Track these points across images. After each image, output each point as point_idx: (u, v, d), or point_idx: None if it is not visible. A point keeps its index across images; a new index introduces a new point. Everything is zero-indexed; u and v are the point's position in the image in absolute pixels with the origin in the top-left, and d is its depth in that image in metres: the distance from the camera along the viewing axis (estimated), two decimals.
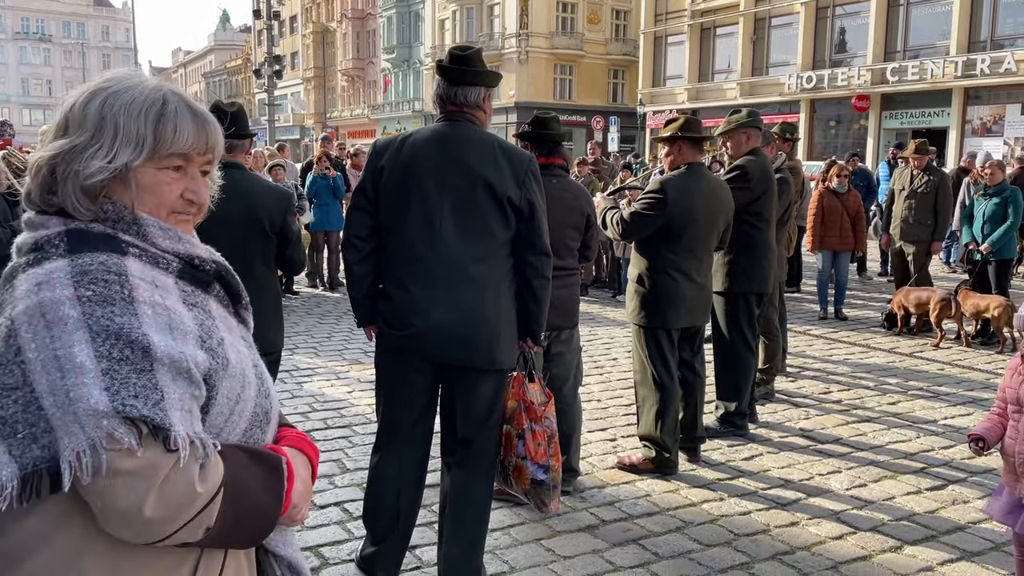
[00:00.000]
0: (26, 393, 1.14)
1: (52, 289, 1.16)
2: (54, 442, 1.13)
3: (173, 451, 1.14)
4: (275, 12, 33.29)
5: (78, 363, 1.12)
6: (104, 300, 1.16)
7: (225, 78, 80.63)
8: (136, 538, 1.18)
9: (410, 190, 3.01)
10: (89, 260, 1.20)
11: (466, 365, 3.03)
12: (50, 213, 1.27)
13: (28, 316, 1.16)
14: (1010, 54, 25.74)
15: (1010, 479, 3.05)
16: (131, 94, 1.31)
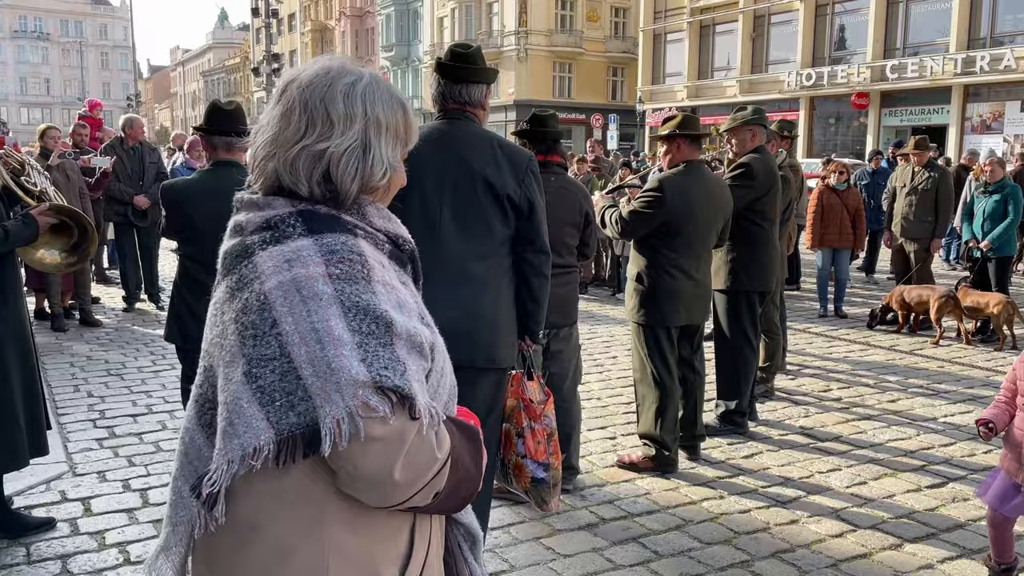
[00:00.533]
0: (283, 363, 1.21)
1: (304, 266, 1.23)
2: (310, 409, 1.19)
3: (416, 419, 1.21)
4: (273, 10, 33.30)
5: (336, 335, 1.19)
6: (350, 278, 1.24)
7: (223, 76, 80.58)
8: (380, 501, 1.26)
9: (409, 188, 2.97)
10: (332, 240, 1.28)
11: (465, 363, 3.01)
12: (271, 194, 1.34)
13: (283, 291, 1.23)
14: (1010, 51, 25.74)
15: (1012, 466, 3.14)
16: (378, 88, 1.38)
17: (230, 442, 1.23)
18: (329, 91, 1.33)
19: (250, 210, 1.35)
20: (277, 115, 1.35)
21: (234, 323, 1.26)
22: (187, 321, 3.60)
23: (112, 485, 4.17)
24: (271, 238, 1.29)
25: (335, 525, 1.28)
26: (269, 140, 1.34)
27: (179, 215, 3.62)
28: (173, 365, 6.51)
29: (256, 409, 1.22)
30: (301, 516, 1.26)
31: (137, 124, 8.76)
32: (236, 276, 1.29)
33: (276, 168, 1.33)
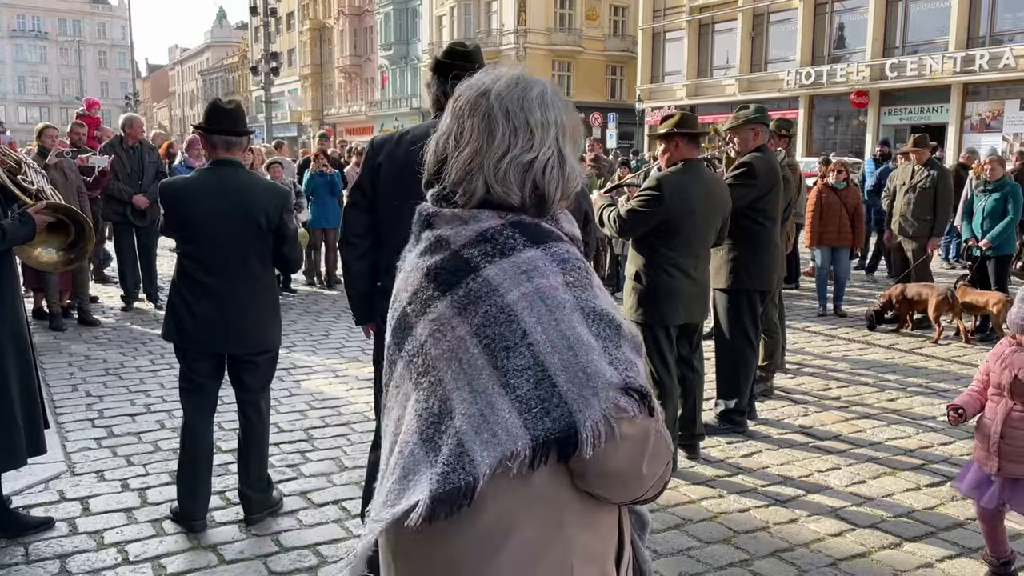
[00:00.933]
0: (537, 372, 1.24)
1: (544, 276, 1.27)
2: (566, 414, 1.23)
3: (653, 416, 1.27)
4: (272, 9, 33.24)
5: (585, 342, 1.24)
6: (582, 285, 1.29)
7: (222, 75, 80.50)
8: (623, 496, 1.34)
9: (408, 186, 2.98)
10: (558, 250, 1.32)
11: None
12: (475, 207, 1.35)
13: (528, 302, 1.26)
14: (1009, 50, 25.73)
15: (983, 456, 3.24)
16: (557, 94, 1.40)
17: (490, 451, 1.25)
18: (526, 100, 1.36)
19: (454, 224, 1.35)
20: (476, 127, 1.35)
21: (475, 337, 1.28)
22: (184, 319, 3.59)
23: (110, 484, 4.16)
24: (493, 251, 1.31)
25: (575, 526, 1.32)
26: (472, 154, 1.35)
27: (177, 213, 3.61)
28: (172, 364, 6.49)
29: (515, 417, 1.25)
30: (546, 518, 1.30)
31: (137, 123, 8.75)
32: (463, 291, 1.30)
33: (485, 180, 1.34)
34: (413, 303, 1.37)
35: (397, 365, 1.41)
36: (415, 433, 1.34)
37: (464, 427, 1.27)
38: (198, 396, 3.70)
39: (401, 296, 1.42)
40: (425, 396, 1.33)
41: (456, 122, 1.39)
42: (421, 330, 1.34)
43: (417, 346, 1.35)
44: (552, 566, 1.30)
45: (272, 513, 3.82)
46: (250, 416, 3.74)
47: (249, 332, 3.64)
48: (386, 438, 1.45)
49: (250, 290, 3.61)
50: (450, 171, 1.37)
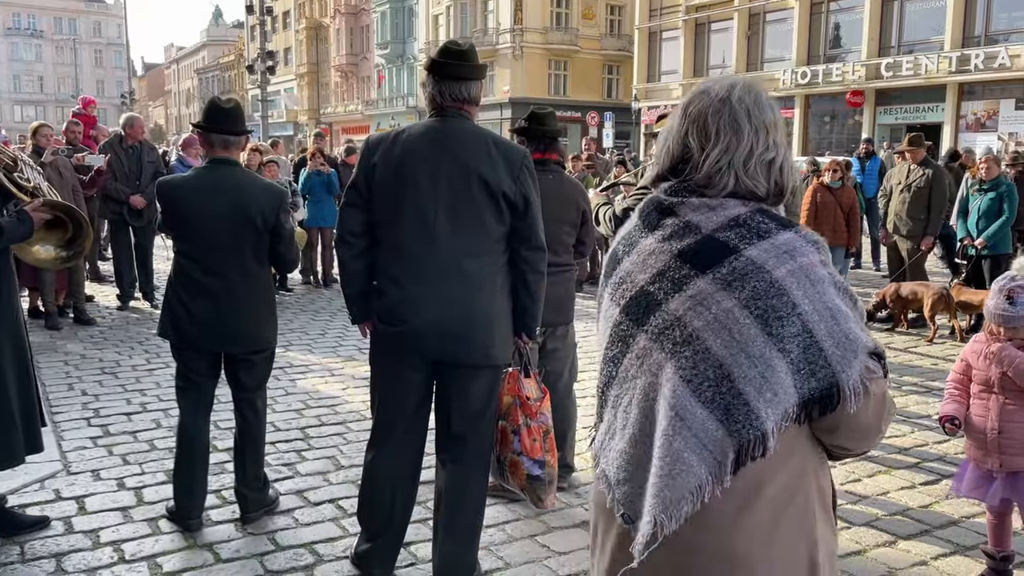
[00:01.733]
0: (806, 338, 1.41)
1: (804, 255, 1.45)
2: (829, 375, 1.42)
3: (886, 377, 1.49)
4: (268, 7, 33.19)
5: (843, 311, 1.44)
6: (828, 263, 1.48)
7: (218, 74, 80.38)
8: (864, 447, 1.55)
9: (404, 185, 2.99)
10: (807, 233, 1.50)
11: (461, 361, 3.02)
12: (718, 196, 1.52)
13: (795, 278, 1.43)
14: (1004, 49, 25.78)
15: (978, 454, 3.25)
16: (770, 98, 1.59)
17: (774, 408, 1.42)
18: (759, 102, 1.54)
19: (702, 211, 1.51)
20: (723, 129, 1.51)
21: (744, 308, 1.43)
22: (181, 317, 3.59)
23: (106, 483, 4.16)
24: (750, 234, 1.47)
25: (813, 474, 1.51)
26: (721, 152, 1.51)
27: (174, 212, 3.61)
28: (168, 363, 6.50)
29: (788, 378, 1.42)
30: (794, 468, 1.47)
31: (138, 123, 8.74)
32: (726, 269, 1.45)
33: (736, 175, 1.51)
34: (659, 282, 1.51)
35: (637, 339, 1.53)
36: (689, 396, 1.46)
37: (746, 388, 1.43)
38: (194, 394, 3.70)
39: (636, 277, 1.55)
40: (691, 364, 1.46)
41: (693, 125, 1.54)
42: (676, 305, 1.48)
43: (671, 320, 1.48)
44: (798, 510, 1.48)
45: (268, 512, 3.82)
46: (246, 415, 3.74)
47: (245, 331, 3.64)
48: (616, 408, 1.58)
49: (246, 289, 3.61)
50: (699, 167, 1.52)
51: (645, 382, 1.52)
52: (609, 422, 1.58)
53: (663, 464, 1.46)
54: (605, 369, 1.59)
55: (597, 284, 7.07)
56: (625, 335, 1.55)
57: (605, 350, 1.59)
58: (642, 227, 1.59)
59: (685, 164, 1.55)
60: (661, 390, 1.49)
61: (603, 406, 1.60)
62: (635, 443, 1.52)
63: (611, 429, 1.57)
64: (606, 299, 1.61)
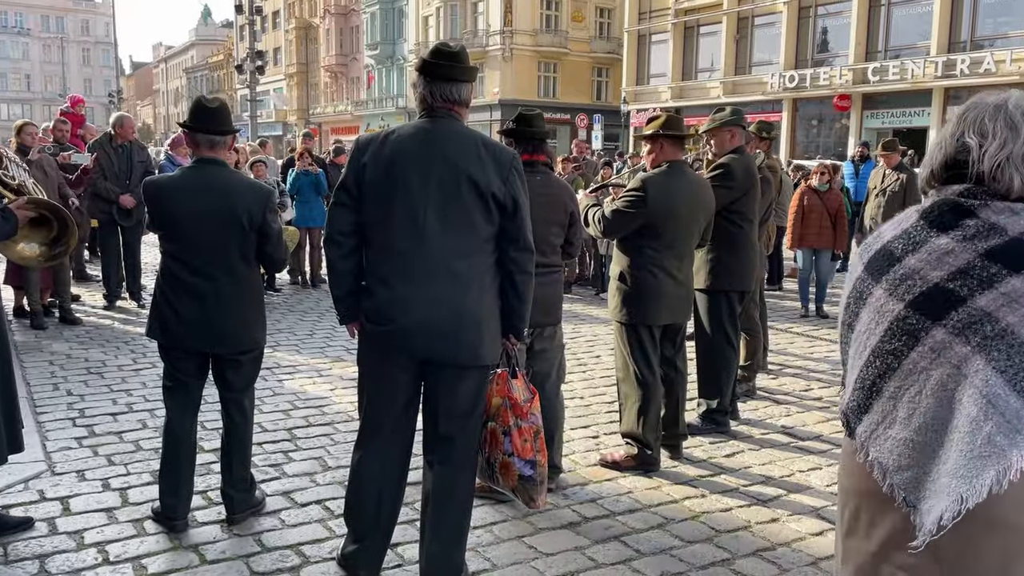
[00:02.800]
0: None
1: None
2: None
3: None
4: (257, 7, 33.06)
5: None
6: None
7: (206, 73, 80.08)
8: None
9: (394, 186, 2.99)
10: None
11: (449, 361, 3.02)
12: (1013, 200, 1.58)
13: None
14: (990, 54, 26.00)
15: None
16: None
17: None
18: None
19: (1005, 214, 1.56)
20: (999, 127, 1.58)
21: None
22: (168, 318, 3.58)
23: (91, 484, 4.13)
24: None
25: None
26: (999, 147, 1.57)
27: (160, 212, 3.59)
28: (154, 363, 6.47)
29: None
30: None
31: (128, 123, 8.69)
32: None
33: (1019, 173, 1.56)
34: (960, 279, 1.55)
35: (932, 333, 1.56)
36: (1003, 385, 1.49)
37: None
38: (181, 395, 3.69)
39: (929, 274, 1.58)
40: (1005, 356, 1.50)
41: (970, 127, 1.60)
42: (986, 302, 1.51)
43: (979, 315, 1.52)
44: None
45: (255, 513, 3.80)
46: (233, 415, 3.72)
47: (233, 331, 3.62)
48: (897, 399, 1.61)
49: (234, 289, 3.59)
50: (979, 161, 1.58)
51: (942, 373, 1.56)
52: (885, 412, 1.63)
53: (969, 447, 1.51)
54: (879, 362, 1.64)
55: (585, 285, 7.15)
56: (914, 329, 1.59)
57: (880, 343, 1.64)
58: (929, 227, 1.63)
59: (959, 165, 1.62)
60: (967, 381, 1.53)
61: (873, 397, 1.65)
62: (924, 431, 1.57)
63: (888, 419, 1.62)
64: (879, 295, 1.65)
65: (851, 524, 1.70)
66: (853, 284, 1.72)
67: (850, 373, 1.70)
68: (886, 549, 1.62)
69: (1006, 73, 25.66)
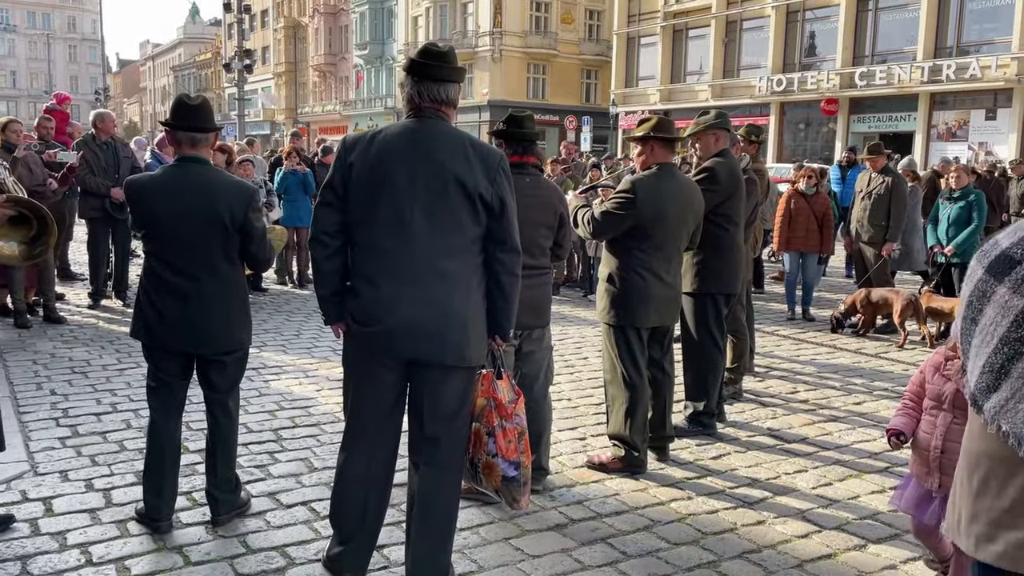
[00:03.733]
0: None
1: None
2: None
3: None
4: (246, 6, 32.95)
5: None
6: None
7: (194, 72, 79.70)
8: None
9: (381, 185, 2.98)
10: None
11: (435, 361, 3.01)
12: None
13: None
14: (975, 60, 26.20)
15: (921, 471, 3.21)
16: None
17: None
18: None
19: None
20: None
21: None
22: (151, 318, 3.55)
23: (74, 485, 4.10)
24: None
25: None
26: None
27: (141, 211, 3.57)
28: (139, 363, 6.42)
29: None
30: None
31: (108, 119, 8.65)
32: None
33: None
34: None
35: None
36: None
37: None
38: (165, 395, 3.66)
39: None
40: None
41: None
42: None
43: None
44: None
45: (240, 514, 3.78)
46: (218, 416, 3.70)
47: (216, 332, 3.60)
48: None
49: (217, 289, 3.57)
50: None
51: None
52: (1015, 390, 1.72)
53: None
54: (1007, 348, 1.72)
55: (573, 287, 7.14)
56: None
57: (1007, 332, 1.72)
58: None
59: None
60: None
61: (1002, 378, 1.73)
62: None
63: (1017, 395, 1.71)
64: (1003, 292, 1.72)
65: (981, 487, 1.80)
66: (975, 285, 1.78)
67: (973, 360, 1.80)
68: (1019, 506, 1.73)
69: (991, 79, 25.90)
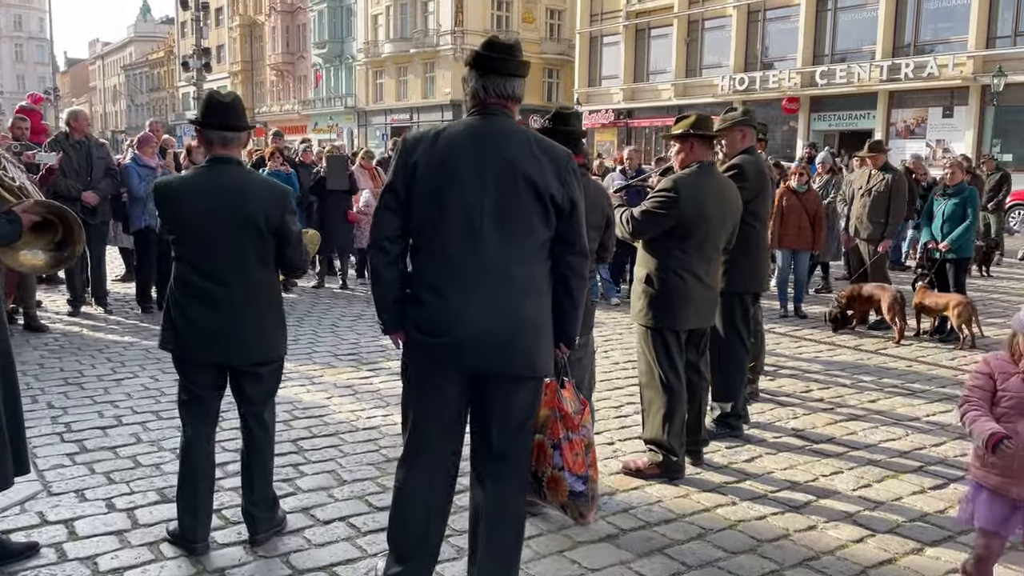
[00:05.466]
0: None
1: None
2: None
3: None
4: (203, 3, 32.25)
5: None
6: None
7: (146, 71, 78.05)
8: None
9: (448, 187, 2.83)
10: None
11: (506, 372, 2.87)
12: None
13: None
14: (932, 59, 26.74)
15: (1002, 482, 2.99)
16: None
17: None
18: None
19: None
20: None
21: None
22: (181, 327, 3.35)
23: (94, 505, 3.87)
24: None
25: None
26: None
27: (170, 214, 3.37)
28: (134, 372, 6.18)
29: None
30: None
31: (82, 117, 8.33)
32: None
33: None
34: None
35: None
36: None
37: None
38: (198, 408, 3.46)
39: None
40: None
41: None
42: None
43: None
44: None
45: (277, 532, 3.60)
46: (253, 429, 3.51)
47: (250, 341, 3.40)
48: None
49: (250, 295, 3.38)
50: None
51: None
52: None
53: None
54: None
55: None
56: None
57: None
58: None
59: None
60: None
61: None
62: None
63: None
64: None
65: None
66: None
67: None
68: None
69: (948, 77, 26.45)
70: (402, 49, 44.24)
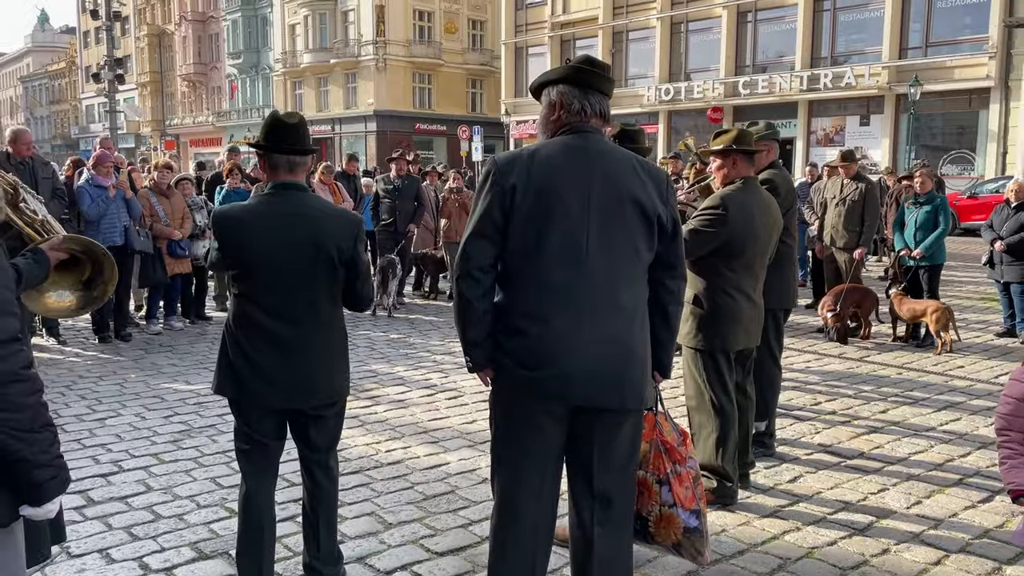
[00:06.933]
0: None
1: None
2: None
3: None
4: (115, 12, 30.96)
5: None
6: None
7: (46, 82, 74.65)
8: None
9: (551, 211, 2.62)
10: None
11: (613, 406, 2.67)
12: None
13: None
14: (849, 69, 27.76)
15: None
16: None
17: None
18: None
19: None
20: None
21: None
22: (242, 370, 3.04)
23: (127, 568, 3.48)
24: None
25: None
26: None
27: (234, 247, 3.05)
28: (116, 411, 5.74)
29: None
30: None
31: (23, 137, 7.72)
32: None
33: None
34: None
35: None
36: None
37: None
38: (260, 458, 3.14)
39: None
40: None
41: None
42: None
43: None
44: None
45: None
46: (318, 479, 3.21)
47: (317, 383, 3.11)
48: None
49: (319, 334, 3.10)
50: None
51: None
52: None
53: None
54: None
55: None
56: None
57: None
58: None
59: None
60: None
61: None
62: None
63: None
64: None
65: None
66: None
67: None
68: None
69: (865, 87, 27.47)
70: (322, 59, 43.44)
